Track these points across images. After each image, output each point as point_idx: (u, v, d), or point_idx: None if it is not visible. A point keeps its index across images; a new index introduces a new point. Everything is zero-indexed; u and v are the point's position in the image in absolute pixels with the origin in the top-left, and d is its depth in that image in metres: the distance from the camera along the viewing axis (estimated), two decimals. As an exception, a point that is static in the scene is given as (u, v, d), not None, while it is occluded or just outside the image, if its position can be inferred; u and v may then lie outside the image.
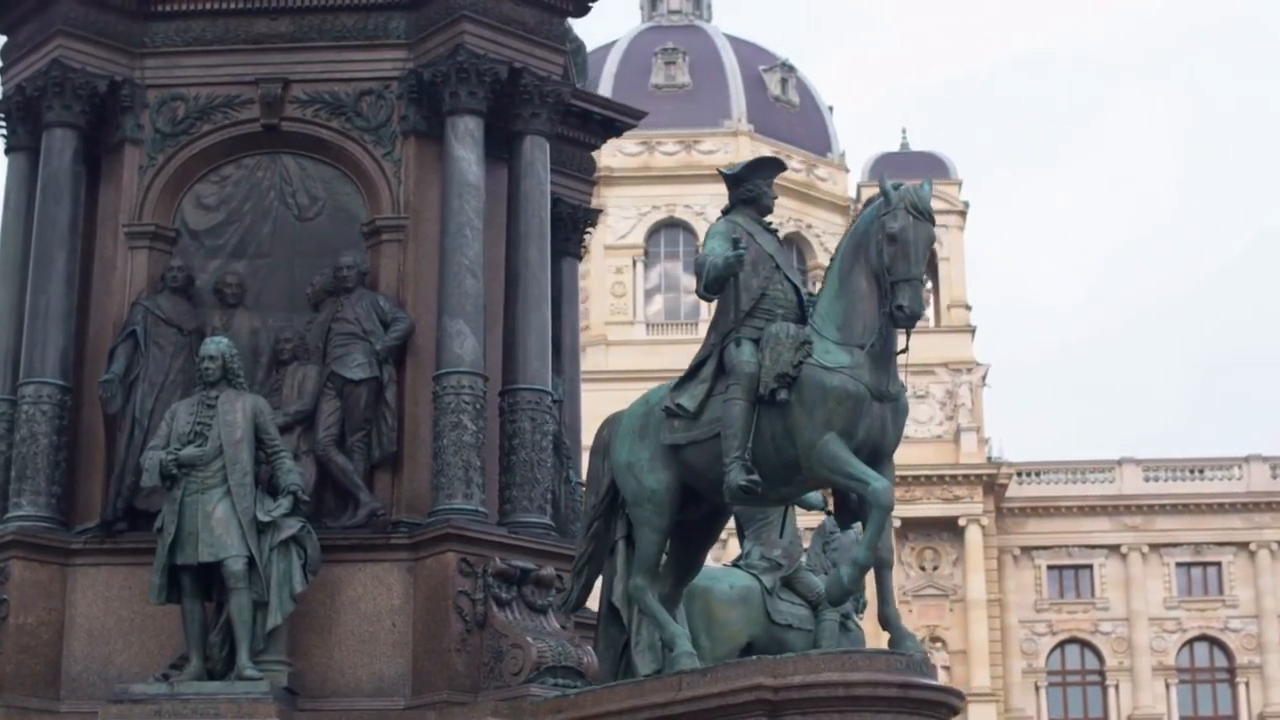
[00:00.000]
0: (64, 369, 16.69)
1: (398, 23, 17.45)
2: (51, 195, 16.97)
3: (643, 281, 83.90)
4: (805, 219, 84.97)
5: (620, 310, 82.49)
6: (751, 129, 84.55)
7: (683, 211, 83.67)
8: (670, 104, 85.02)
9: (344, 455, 16.39)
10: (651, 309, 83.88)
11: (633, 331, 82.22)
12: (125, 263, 17.15)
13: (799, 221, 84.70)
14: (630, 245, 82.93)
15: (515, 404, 16.73)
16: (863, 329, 13.72)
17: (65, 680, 16.07)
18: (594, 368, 79.21)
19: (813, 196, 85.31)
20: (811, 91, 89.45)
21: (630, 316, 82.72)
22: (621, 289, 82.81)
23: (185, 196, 17.41)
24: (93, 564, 16.32)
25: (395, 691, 15.83)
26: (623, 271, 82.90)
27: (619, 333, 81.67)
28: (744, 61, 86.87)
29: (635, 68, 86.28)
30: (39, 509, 16.29)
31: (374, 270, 16.99)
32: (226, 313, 17.00)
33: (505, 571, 15.88)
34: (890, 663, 13.12)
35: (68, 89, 17.05)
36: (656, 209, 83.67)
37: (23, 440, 16.42)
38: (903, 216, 13.65)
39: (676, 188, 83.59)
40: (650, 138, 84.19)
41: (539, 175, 17.27)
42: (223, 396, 15.67)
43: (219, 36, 17.53)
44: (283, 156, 17.41)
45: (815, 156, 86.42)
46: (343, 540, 16.13)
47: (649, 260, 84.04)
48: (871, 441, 13.65)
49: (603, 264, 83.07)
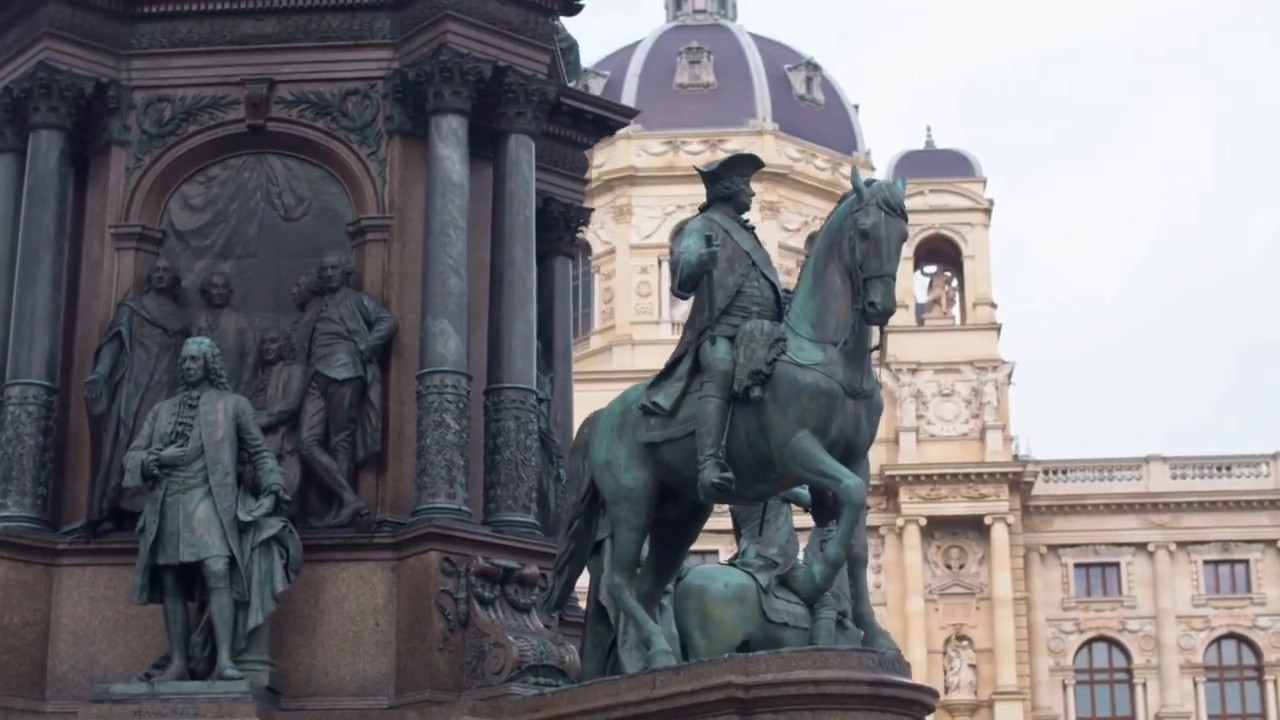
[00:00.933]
0: (50, 370, 16.73)
1: (383, 22, 17.46)
2: (38, 197, 17.01)
3: (668, 281, 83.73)
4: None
5: (646, 310, 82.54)
6: (776, 128, 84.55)
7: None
8: (695, 103, 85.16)
9: (328, 455, 16.41)
10: (677, 308, 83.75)
11: (658, 331, 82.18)
12: (112, 264, 17.19)
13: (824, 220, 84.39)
14: (655, 245, 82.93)
15: (500, 403, 16.72)
16: (836, 326, 13.68)
17: (51, 680, 16.11)
18: (620, 367, 79.32)
19: (837, 195, 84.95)
20: (836, 90, 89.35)
21: (656, 316, 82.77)
22: (647, 288, 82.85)
23: (172, 197, 17.44)
24: (78, 564, 16.36)
25: (379, 691, 15.84)
26: (648, 271, 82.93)
27: (644, 332, 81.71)
28: (769, 60, 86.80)
29: (660, 67, 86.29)
30: (24, 509, 16.33)
31: (359, 270, 17.00)
32: (213, 313, 17.03)
33: (488, 570, 15.87)
34: (862, 660, 13.11)
35: (54, 91, 17.09)
36: (681, 208, 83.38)
37: (8, 441, 16.45)
38: (875, 213, 13.60)
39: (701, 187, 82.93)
40: (675, 137, 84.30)
41: (524, 174, 17.27)
42: (204, 397, 15.70)
43: (205, 37, 17.56)
44: (269, 157, 17.44)
45: (840, 155, 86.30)
46: (326, 540, 16.15)
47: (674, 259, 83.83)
48: (845, 439, 13.62)
49: (628, 264, 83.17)
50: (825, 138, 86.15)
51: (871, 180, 13.87)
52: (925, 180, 77.01)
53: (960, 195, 78.86)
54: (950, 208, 78.26)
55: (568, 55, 20.40)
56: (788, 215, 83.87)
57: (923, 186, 76.33)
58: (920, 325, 77.29)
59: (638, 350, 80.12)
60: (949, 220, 78.29)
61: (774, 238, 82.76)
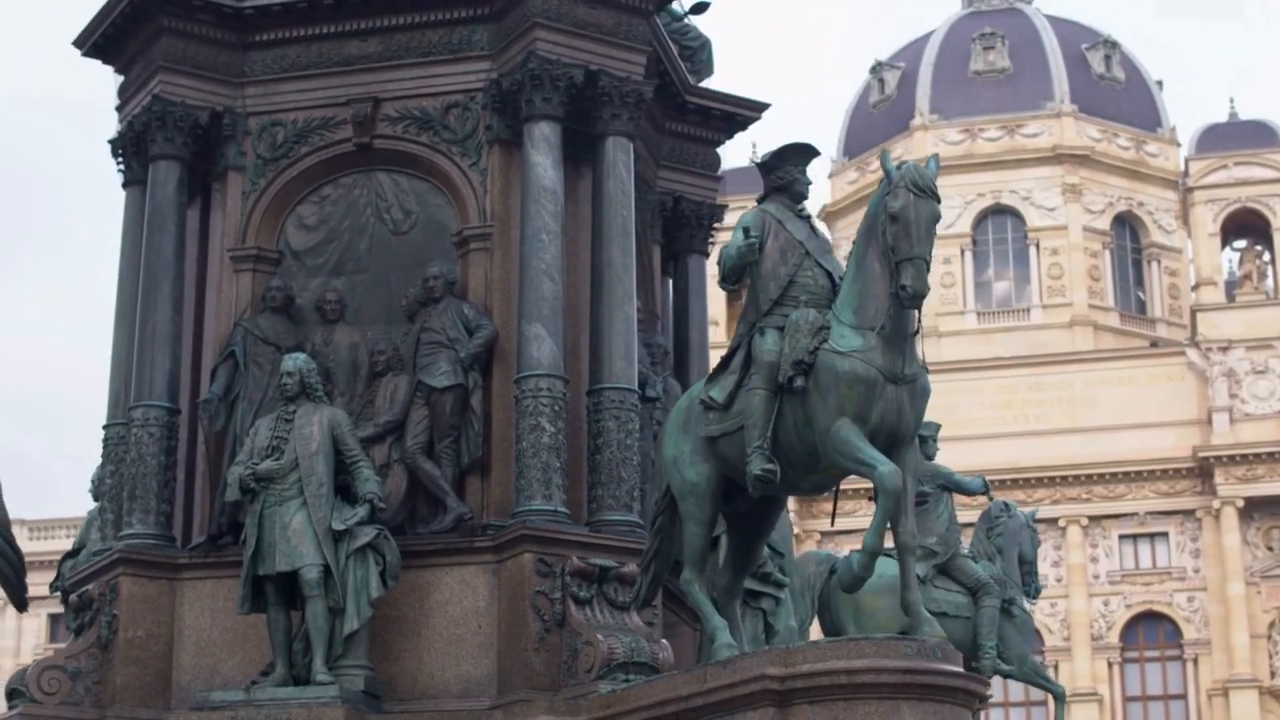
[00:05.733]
0: (171, 391, 17.33)
1: (480, 35, 17.73)
2: (157, 224, 17.63)
3: (972, 271, 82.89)
4: (1136, 197, 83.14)
5: (950, 300, 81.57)
6: (1075, 109, 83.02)
7: (1009, 197, 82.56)
8: (991, 89, 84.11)
9: (431, 462, 16.71)
10: (982, 298, 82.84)
11: (964, 321, 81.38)
12: (231, 286, 17.75)
13: (1130, 200, 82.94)
14: (957, 234, 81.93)
15: (600, 404, 16.84)
16: (875, 311, 13.55)
17: (175, 691, 16.69)
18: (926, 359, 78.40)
19: (1142, 174, 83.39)
20: (1138, 66, 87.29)
21: (960, 306, 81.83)
22: (950, 279, 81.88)
23: (288, 218, 17.93)
24: (199, 577, 16.93)
25: (482, 692, 16.09)
26: (951, 261, 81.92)
27: (950, 323, 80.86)
28: (1065, 41, 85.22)
29: (954, 55, 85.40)
30: (148, 527, 16.95)
31: (464, 279, 17.29)
32: (327, 328, 17.47)
33: (583, 570, 16.02)
34: (899, 649, 12.94)
35: (169, 122, 17.70)
36: (982, 196, 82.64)
37: (132, 461, 17.10)
38: (903, 195, 13.44)
39: (1001, 173, 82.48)
40: (972, 125, 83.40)
41: (621, 176, 17.35)
42: (300, 411, 16.15)
43: (313, 61, 18.04)
44: (377, 173, 17.85)
45: (1144, 132, 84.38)
46: (430, 545, 16.48)
47: (977, 248, 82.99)
48: (888, 425, 13.47)
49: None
50: (1127, 116, 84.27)
51: (904, 163, 13.66)
52: (1229, 153, 75.04)
53: (1266, 166, 76.65)
54: (1256, 180, 76.18)
55: (699, 53, 20.48)
56: (1091, 197, 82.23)
57: (1226, 160, 74.47)
58: (1231, 302, 75.24)
59: (944, 341, 79.39)
60: (1255, 193, 76.23)
61: (1078, 221, 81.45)
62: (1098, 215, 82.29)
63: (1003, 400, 74.62)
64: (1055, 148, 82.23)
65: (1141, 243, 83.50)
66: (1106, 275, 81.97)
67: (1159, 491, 72.74)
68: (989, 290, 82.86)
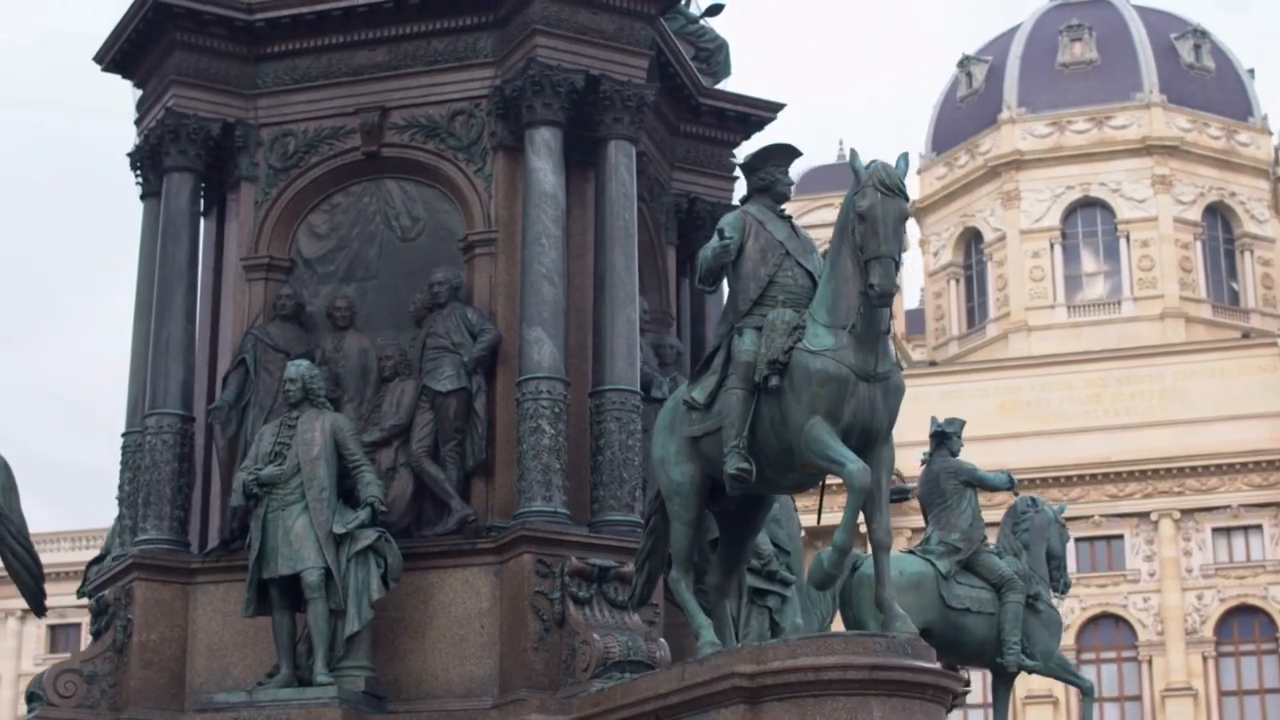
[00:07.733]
0: (185, 399, 17.65)
1: (485, 42, 17.93)
2: (170, 235, 17.97)
3: (1061, 264, 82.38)
4: (1228, 187, 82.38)
5: (1040, 295, 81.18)
6: (1164, 99, 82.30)
7: (1098, 190, 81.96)
8: (1078, 81, 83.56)
9: (436, 465, 16.93)
10: (1074, 293, 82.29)
11: (1054, 315, 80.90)
12: (244, 294, 18.05)
13: (1221, 190, 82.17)
14: (1046, 228, 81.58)
15: (602, 405, 17.00)
16: (847, 310, 13.62)
17: (189, 693, 16.99)
18: (1017, 354, 78.37)
19: (1233, 163, 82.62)
20: (1228, 55, 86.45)
21: (1050, 300, 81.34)
22: (1040, 273, 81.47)
23: (300, 226, 18.22)
24: (212, 582, 17.24)
25: (484, 691, 16.30)
26: (1040, 255, 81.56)
27: (1039, 318, 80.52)
28: (1153, 31, 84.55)
29: (1041, 48, 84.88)
30: (162, 532, 17.29)
31: (469, 284, 17.51)
32: (338, 335, 17.73)
33: (582, 570, 16.20)
34: (868, 645, 13.00)
35: (182, 134, 18.03)
36: (1071, 189, 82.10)
37: (147, 468, 17.44)
38: (870, 194, 13.49)
39: (1090, 166, 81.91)
40: (1060, 118, 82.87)
41: (623, 179, 17.49)
42: (303, 417, 16.42)
43: (323, 71, 18.31)
44: (385, 181, 18.11)
45: (1235, 122, 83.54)
46: (434, 548, 16.72)
47: (1066, 242, 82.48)
48: (860, 423, 13.52)
49: (1019, 249, 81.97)
50: (1217, 106, 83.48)
51: (873, 162, 13.73)
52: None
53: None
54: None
55: (716, 55, 20.59)
56: (1181, 188, 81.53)
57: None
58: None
59: (1034, 336, 79.06)
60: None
61: (1168, 212, 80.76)
62: (1188, 206, 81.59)
63: (1093, 394, 74.08)
64: (1144, 139, 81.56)
65: (1234, 233, 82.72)
66: (1198, 266, 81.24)
67: (1252, 484, 71.97)
68: (1079, 284, 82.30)
